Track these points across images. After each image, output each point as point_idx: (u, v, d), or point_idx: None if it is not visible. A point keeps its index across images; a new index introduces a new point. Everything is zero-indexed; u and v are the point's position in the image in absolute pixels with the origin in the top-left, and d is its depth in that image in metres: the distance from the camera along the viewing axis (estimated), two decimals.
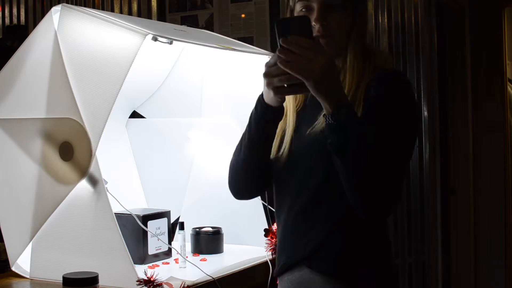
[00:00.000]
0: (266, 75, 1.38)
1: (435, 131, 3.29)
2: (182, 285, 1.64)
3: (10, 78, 1.86)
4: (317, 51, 1.32)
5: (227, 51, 2.05)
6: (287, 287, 1.55)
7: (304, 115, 1.56)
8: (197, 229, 2.15)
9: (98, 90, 1.67)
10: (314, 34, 1.43)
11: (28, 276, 1.85)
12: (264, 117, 1.49)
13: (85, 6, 3.89)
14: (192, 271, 1.81)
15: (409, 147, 1.48)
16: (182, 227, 1.99)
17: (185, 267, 1.90)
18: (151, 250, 1.96)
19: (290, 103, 1.56)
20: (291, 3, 1.55)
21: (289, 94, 1.44)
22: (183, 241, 1.96)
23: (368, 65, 1.50)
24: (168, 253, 2.03)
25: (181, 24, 3.56)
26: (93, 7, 3.90)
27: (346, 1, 1.48)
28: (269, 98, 1.45)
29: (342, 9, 1.48)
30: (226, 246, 2.16)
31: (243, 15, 3.54)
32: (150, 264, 1.93)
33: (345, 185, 1.40)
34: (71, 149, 1.75)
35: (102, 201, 1.68)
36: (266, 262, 1.97)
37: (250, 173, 1.58)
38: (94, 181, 1.69)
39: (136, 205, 2.28)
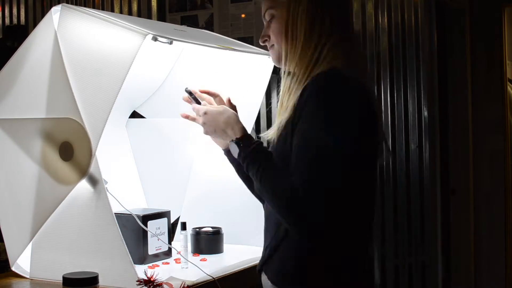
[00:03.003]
0: None
1: (435, 131, 3.29)
2: (182, 285, 1.64)
3: (10, 78, 1.86)
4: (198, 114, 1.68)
5: (227, 51, 2.05)
6: None
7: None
8: (197, 229, 2.15)
9: (98, 90, 1.67)
10: None
11: (28, 276, 1.85)
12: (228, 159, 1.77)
13: (85, 6, 3.89)
14: (192, 271, 1.81)
15: (340, 159, 1.39)
16: (184, 227, 1.99)
17: (187, 268, 1.90)
18: (151, 250, 1.96)
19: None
20: None
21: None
22: (185, 241, 1.96)
23: (311, 70, 1.47)
24: (168, 253, 2.03)
25: (181, 24, 3.57)
26: (93, 7, 3.90)
27: (273, 9, 1.55)
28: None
29: (273, 18, 1.56)
30: (226, 246, 2.16)
31: (243, 15, 3.54)
32: (150, 264, 1.93)
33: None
34: (71, 149, 1.75)
35: (102, 201, 1.67)
36: None
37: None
38: (94, 181, 1.69)
39: (136, 205, 2.28)
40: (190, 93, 1.77)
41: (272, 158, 1.48)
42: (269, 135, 1.53)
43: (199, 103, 1.75)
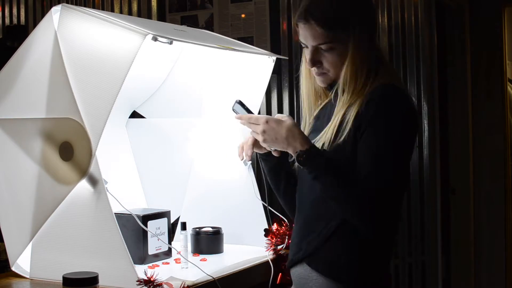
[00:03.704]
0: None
1: (435, 131, 3.29)
2: (182, 285, 1.64)
3: (10, 78, 1.86)
4: (254, 123, 1.72)
5: (227, 51, 2.05)
6: (293, 279, 1.76)
7: (316, 124, 1.77)
8: (197, 229, 2.15)
9: (98, 90, 1.67)
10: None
11: (28, 276, 1.85)
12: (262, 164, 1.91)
13: (85, 6, 3.89)
14: (192, 271, 1.81)
15: (398, 167, 1.60)
16: (184, 227, 1.99)
17: (187, 268, 1.90)
18: (151, 250, 1.96)
19: (305, 109, 1.82)
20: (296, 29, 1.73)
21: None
22: (185, 241, 1.96)
23: (366, 84, 1.64)
24: (168, 253, 2.03)
25: (181, 24, 3.57)
26: (93, 7, 3.90)
27: (333, 43, 1.63)
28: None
29: (330, 50, 1.64)
30: (226, 246, 2.16)
31: (243, 15, 3.54)
32: (150, 264, 1.93)
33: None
34: (71, 149, 1.75)
35: (102, 201, 1.67)
36: (266, 262, 1.97)
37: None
38: (94, 181, 1.69)
39: (136, 205, 2.28)
40: (242, 104, 1.82)
41: (340, 165, 1.60)
42: (321, 142, 1.66)
43: (251, 112, 1.81)
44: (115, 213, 1.68)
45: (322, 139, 1.67)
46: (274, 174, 1.89)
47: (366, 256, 1.66)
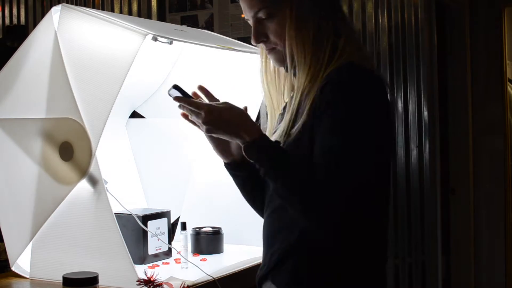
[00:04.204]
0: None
1: (435, 131, 3.29)
2: (182, 285, 1.64)
3: (10, 78, 1.86)
4: (195, 110, 1.44)
5: (227, 51, 2.05)
6: None
7: (282, 116, 1.52)
8: (197, 229, 2.15)
9: (98, 90, 1.67)
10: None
11: (28, 276, 1.85)
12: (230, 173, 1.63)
13: (85, 6, 3.89)
14: (192, 271, 1.81)
15: (366, 157, 1.32)
16: (184, 227, 1.99)
17: (187, 268, 1.90)
18: (151, 250, 1.96)
19: (268, 108, 1.58)
20: None
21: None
22: (185, 241, 1.96)
23: (322, 62, 1.40)
24: (168, 253, 2.03)
25: (181, 24, 3.57)
26: (93, 7, 3.90)
27: (270, 8, 1.44)
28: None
29: (270, 18, 1.45)
30: (226, 246, 2.16)
31: (243, 15, 3.54)
32: (150, 264, 1.93)
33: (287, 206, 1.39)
34: (71, 149, 1.75)
35: (102, 201, 1.68)
36: None
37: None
38: (94, 181, 1.69)
39: (136, 205, 2.28)
40: (179, 88, 1.54)
41: (294, 161, 1.35)
42: (277, 134, 1.43)
43: (190, 97, 1.54)
44: (115, 213, 1.68)
45: (279, 132, 1.43)
46: (248, 191, 1.64)
47: (334, 272, 1.38)
